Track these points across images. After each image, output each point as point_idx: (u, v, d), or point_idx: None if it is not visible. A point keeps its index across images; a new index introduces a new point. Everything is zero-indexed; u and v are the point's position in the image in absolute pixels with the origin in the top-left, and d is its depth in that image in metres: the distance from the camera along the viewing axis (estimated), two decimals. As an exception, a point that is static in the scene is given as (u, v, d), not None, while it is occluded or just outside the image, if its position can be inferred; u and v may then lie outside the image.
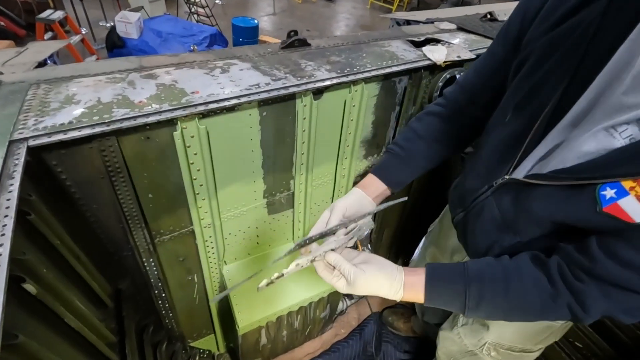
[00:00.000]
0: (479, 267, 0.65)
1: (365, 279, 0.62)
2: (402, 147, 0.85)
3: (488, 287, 0.63)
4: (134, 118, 0.80)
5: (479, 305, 0.63)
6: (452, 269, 0.66)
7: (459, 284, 0.64)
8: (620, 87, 0.49)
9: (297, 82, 0.97)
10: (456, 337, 1.06)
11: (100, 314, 0.87)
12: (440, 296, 0.65)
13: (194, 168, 0.96)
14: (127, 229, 0.96)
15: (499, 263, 0.65)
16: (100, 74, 0.99)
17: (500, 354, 0.97)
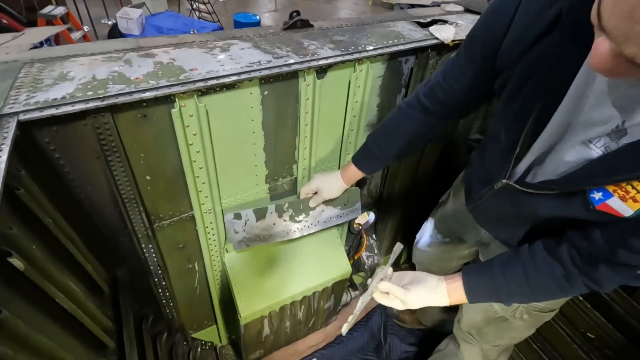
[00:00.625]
0: (501, 264, 0.74)
1: (412, 297, 0.78)
2: (379, 146, 0.99)
3: (512, 282, 0.72)
4: (130, 93, 0.76)
5: (510, 297, 0.74)
6: (482, 271, 0.77)
7: (489, 285, 0.75)
8: (587, 105, 0.55)
9: (299, 59, 0.93)
10: (485, 305, 1.04)
11: (97, 300, 0.84)
12: (479, 296, 0.77)
13: (193, 149, 0.92)
14: (124, 212, 0.92)
15: (518, 256, 0.73)
16: (97, 54, 0.96)
17: (532, 315, 0.97)
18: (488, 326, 1.09)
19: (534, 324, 1.02)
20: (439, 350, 1.39)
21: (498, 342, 1.12)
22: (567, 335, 1.44)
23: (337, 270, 1.36)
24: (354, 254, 1.61)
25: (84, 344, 0.71)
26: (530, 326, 1.02)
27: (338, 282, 1.40)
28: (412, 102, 0.92)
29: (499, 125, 0.76)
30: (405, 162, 1.47)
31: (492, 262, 0.75)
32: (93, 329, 0.72)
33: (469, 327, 1.15)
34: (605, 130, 0.53)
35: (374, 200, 1.59)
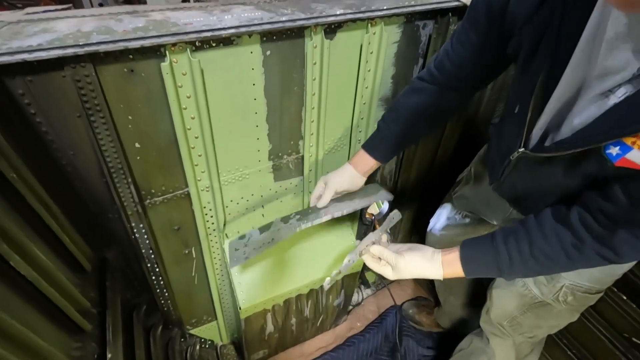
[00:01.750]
0: (504, 233, 0.70)
1: (406, 263, 0.75)
2: (389, 126, 0.92)
3: (514, 249, 0.67)
4: (113, 42, 0.68)
5: (512, 267, 0.68)
6: (482, 241, 0.72)
7: (489, 253, 0.70)
8: (600, 54, 0.51)
9: (306, 16, 0.84)
10: (522, 290, 0.93)
11: (75, 277, 0.74)
12: (476, 267, 0.72)
13: (188, 115, 0.83)
14: (110, 183, 0.83)
15: (523, 225, 0.69)
16: (89, 16, 0.89)
17: (577, 298, 0.86)
18: (524, 314, 0.97)
19: (578, 309, 0.91)
20: (462, 349, 1.25)
21: (535, 332, 1.01)
22: (607, 340, 1.28)
23: (347, 262, 1.24)
24: (366, 247, 1.48)
25: (52, 323, 0.61)
26: (573, 311, 0.92)
27: (348, 276, 1.29)
28: (423, 76, 0.87)
29: (513, 95, 0.75)
30: (422, 147, 1.35)
31: (494, 233, 0.71)
32: (63, 306, 0.63)
33: (500, 317, 1.03)
34: (624, 77, 0.50)
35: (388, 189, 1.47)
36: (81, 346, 0.66)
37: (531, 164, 0.70)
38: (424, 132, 0.99)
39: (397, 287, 1.78)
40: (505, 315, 1.00)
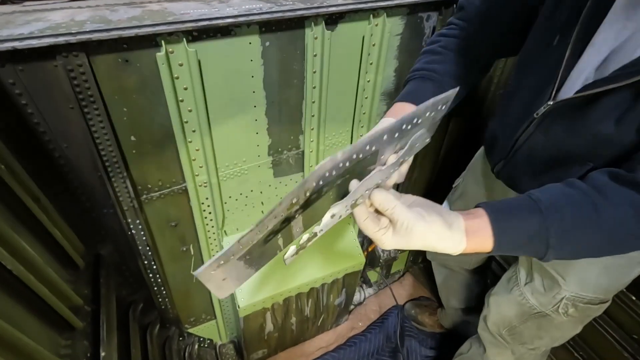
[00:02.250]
0: (550, 194, 0.52)
1: (425, 227, 0.47)
2: (427, 69, 0.74)
3: (570, 216, 0.49)
4: (107, 30, 0.66)
5: (563, 241, 0.49)
6: (518, 203, 0.52)
7: (532, 219, 0.50)
8: None
9: (306, 6, 0.81)
10: (519, 299, 0.89)
11: (66, 273, 0.72)
12: (512, 238, 0.50)
13: (184, 107, 0.81)
14: (105, 178, 0.81)
15: (572, 187, 0.52)
16: (85, 7, 0.87)
17: (579, 309, 0.81)
18: (524, 324, 0.92)
19: (581, 320, 0.86)
20: (461, 354, 1.22)
21: (536, 343, 0.94)
22: (615, 342, 1.25)
23: (348, 261, 1.22)
24: (367, 246, 1.46)
25: (39, 320, 0.59)
26: (576, 323, 0.86)
27: (350, 274, 1.26)
28: (441, 32, 0.80)
29: (532, 54, 0.67)
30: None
31: (531, 194, 0.52)
32: (52, 302, 0.60)
33: (499, 325, 0.98)
34: None
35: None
36: (71, 344, 0.64)
37: (565, 117, 0.58)
38: (468, 73, 0.76)
39: (399, 286, 1.75)
40: (504, 323, 0.96)
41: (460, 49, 0.76)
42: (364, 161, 0.48)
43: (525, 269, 0.89)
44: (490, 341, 1.05)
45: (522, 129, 0.67)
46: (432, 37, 0.81)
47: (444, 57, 0.75)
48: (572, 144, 0.60)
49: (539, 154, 0.67)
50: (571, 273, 0.78)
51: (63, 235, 0.72)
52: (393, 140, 0.50)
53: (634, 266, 0.75)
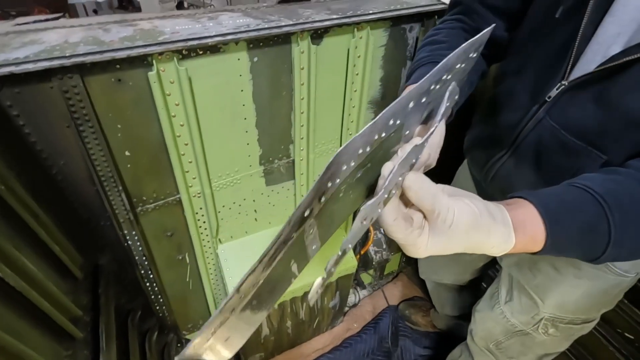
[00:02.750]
0: (595, 179, 0.44)
1: (476, 222, 0.36)
2: (436, 55, 0.65)
3: (628, 200, 0.42)
4: (100, 52, 0.69)
5: (624, 231, 0.41)
6: (563, 190, 0.44)
7: (589, 205, 0.41)
8: None
9: (292, 22, 0.85)
10: (500, 318, 0.89)
11: (66, 285, 0.75)
12: (568, 230, 0.41)
13: (177, 122, 0.84)
14: (101, 192, 0.84)
15: (615, 172, 0.46)
16: (77, 26, 0.90)
17: (560, 329, 0.80)
18: (508, 340, 0.92)
19: (566, 338, 0.85)
20: (453, 358, 1.23)
21: (522, 358, 0.94)
22: (602, 337, 1.28)
23: (341, 264, 1.24)
24: (360, 249, 1.49)
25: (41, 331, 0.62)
26: (561, 340, 0.86)
27: (343, 277, 1.29)
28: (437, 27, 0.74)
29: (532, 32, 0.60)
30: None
31: (576, 182, 0.44)
32: (53, 314, 0.63)
33: (486, 340, 0.99)
34: None
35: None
36: (72, 354, 0.67)
37: (582, 99, 0.52)
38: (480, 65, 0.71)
39: (393, 287, 1.79)
40: (490, 338, 0.96)
41: (464, 39, 0.69)
42: (387, 141, 0.37)
43: (506, 287, 0.88)
44: (478, 353, 1.06)
45: (529, 116, 0.60)
46: (430, 32, 0.75)
47: (449, 44, 0.68)
48: (588, 128, 0.54)
49: (548, 143, 0.59)
50: (550, 296, 0.77)
51: (62, 249, 0.75)
52: (420, 107, 0.39)
53: (613, 289, 0.73)
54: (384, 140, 0.35)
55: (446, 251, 0.38)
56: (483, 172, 0.77)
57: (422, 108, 0.39)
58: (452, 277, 1.19)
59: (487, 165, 0.75)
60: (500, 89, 0.71)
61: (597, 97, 0.52)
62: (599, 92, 0.51)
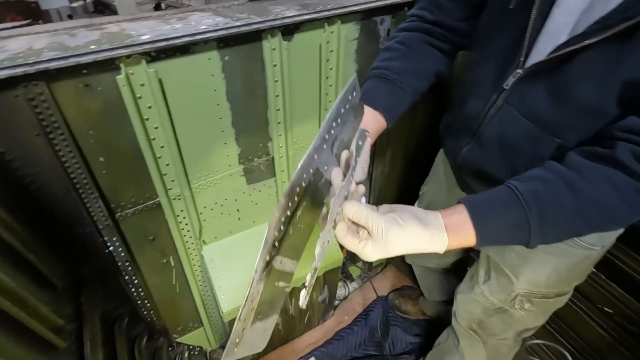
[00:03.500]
0: (527, 181, 0.51)
1: (401, 231, 0.47)
2: (382, 67, 0.73)
3: (550, 202, 0.49)
4: (65, 58, 0.68)
5: (544, 227, 0.49)
6: (497, 194, 0.52)
7: (513, 209, 0.50)
8: None
9: (261, 19, 0.85)
10: (480, 297, 0.93)
11: (46, 296, 0.74)
12: (494, 231, 0.51)
13: (151, 125, 0.84)
14: (77, 199, 0.83)
15: (550, 171, 0.52)
16: (43, 32, 0.89)
17: (535, 304, 0.84)
18: (490, 319, 0.96)
19: (541, 313, 0.89)
20: (440, 343, 1.26)
21: (504, 335, 0.98)
22: (583, 313, 1.33)
23: (327, 258, 1.26)
24: (347, 242, 1.50)
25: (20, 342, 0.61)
26: (537, 315, 0.89)
27: (330, 272, 1.30)
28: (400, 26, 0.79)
29: (490, 24, 0.65)
30: (394, 135, 1.36)
31: (510, 184, 0.52)
32: (32, 325, 0.63)
33: (469, 320, 1.02)
34: None
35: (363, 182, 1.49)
36: (54, 363, 0.67)
37: (536, 87, 0.56)
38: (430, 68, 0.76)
39: (382, 278, 1.81)
40: (472, 318, 1.00)
41: (418, 41, 0.75)
42: (313, 183, 0.49)
43: (484, 268, 0.92)
44: (462, 334, 1.09)
45: (490, 104, 0.64)
46: (393, 33, 0.80)
47: (400, 53, 0.74)
48: (544, 115, 0.58)
49: (507, 130, 0.63)
50: (522, 273, 0.81)
51: (39, 259, 0.74)
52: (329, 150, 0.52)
53: (582, 262, 0.76)
54: (311, 185, 0.48)
55: (389, 254, 0.49)
56: (454, 158, 0.80)
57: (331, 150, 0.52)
58: (435, 260, 1.22)
59: (456, 151, 0.78)
60: (466, 79, 0.74)
61: (549, 85, 0.55)
62: (550, 80, 0.55)
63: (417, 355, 1.48)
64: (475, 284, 0.95)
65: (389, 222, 0.47)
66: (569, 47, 0.50)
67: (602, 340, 1.28)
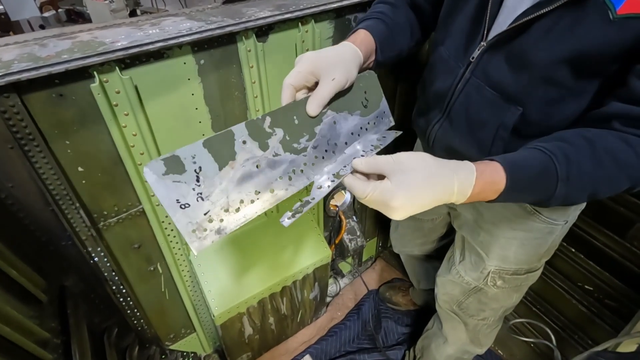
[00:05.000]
0: (546, 141, 0.54)
1: (420, 157, 0.49)
2: (382, 12, 0.75)
3: (572, 152, 0.51)
4: (36, 69, 0.67)
5: (570, 176, 0.50)
6: (522, 151, 0.54)
7: (539, 155, 0.51)
8: None
9: (234, 22, 0.85)
10: (456, 278, 0.97)
11: (30, 310, 0.73)
12: (524, 171, 0.51)
13: (129, 132, 0.83)
14: (58, 211, 0.82)
15: (564, 132, 0.55)
16: (12, 43, 0.87)
17: (507, 280, 0.88)
18: (467, 299, 1.00)
19: (514, 290, 0.92)
20: (427, 329, 1.31)
21: (482, 315, 1.01)
22: (564, 292, 1.38)
23: (315, 255, 1.27)
24: (334, 239, 1.52)
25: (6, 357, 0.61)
26: (510, 292, 0.93)
27: (319, 268, 1.32)
28: None
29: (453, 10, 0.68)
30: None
31: (529, 145, 0.55)
32: (17, 340, 0.62)
33: (449, 302, 1.06)
34: None
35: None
36: (42, 377, 0.66)
37: (499, 57, 0.59)
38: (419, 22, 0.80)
39: (372, 272, 1.83)
40: (452, 300, 1.03)
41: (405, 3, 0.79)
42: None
43: (460, 249, 0.97)
44: (444, 317, 1.13)
45: (458, 78, 0.67)
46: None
47: (394, 7, 0.78)
48: (505, 83, 0.60)
49: (474, 102, 0.66)
50: (492, 250, 0.85)
51: (20, 274, 0.73)
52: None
53: (546, 237, 0.79)
54: None
55: (416, 198, 0.47)
56: (426, 137, 0.82)
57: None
58: (418, 247, 1.26)
59: (427, 130, 0.80)
60: (434, 58, 0.76)
61: (509, 54, 0.58)
62: (510, 49, 0.58)
63: (409, 344, 1.51)
64: (452, 265, 0.99)
65: (411, 153, 0.49)
66: (526, 17, 0.53)
67: (584, 317, 1.33)
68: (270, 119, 0.55)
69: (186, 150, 0.49)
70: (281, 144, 0.55)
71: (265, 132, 0.54)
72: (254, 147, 0.52)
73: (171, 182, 0.47)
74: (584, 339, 1.36)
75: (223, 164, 0.50)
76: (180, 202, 0.46)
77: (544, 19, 0.52)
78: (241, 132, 0.52)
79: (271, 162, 0.53)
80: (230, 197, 0.50)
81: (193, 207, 0.47)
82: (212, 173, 0.49)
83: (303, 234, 1.30)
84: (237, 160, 0.51)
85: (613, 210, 1.16)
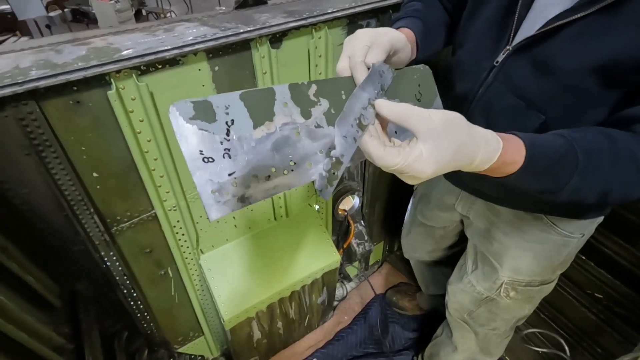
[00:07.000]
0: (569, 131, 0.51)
1: (455, 115, 0.43)
2: (419, 10, 0.71)
3: (592, 144, 0.48)
4: (54, 76, 0.68)
5: (586, 167, 0.47)
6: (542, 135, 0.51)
7: (560, 140, 0.49)
8: None
9: (249, 28, 0.85)
10: (468, 287, 0.96)
11: (45, 316, 0.73)
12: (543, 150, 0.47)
13: (143, 138, 0.84)
14: (72, 217, 0.82)
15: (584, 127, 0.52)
16: (27, 49, 0.88)
17: (520, 292, 0.87)
18: (478, 308, 0.99)
19: (527, 301, 0.92)
20: (437, 337, 1.30)
21: (493, 324, 1.00)
22: (573, 299, 1.38)
23: (324, 260, 1.27)
24: (342, 243, 1.52)
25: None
26: (522, 304, 0.92)
27: (328, 273, 1.32)
28: None
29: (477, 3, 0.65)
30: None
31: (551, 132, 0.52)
32: (33, 346, 0.62)
33: (459, 311, 1.05)
34: None
35: (357, 183, 1.51)
36: (59, 383, 0.66)
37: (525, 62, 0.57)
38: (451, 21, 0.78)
39: (378, 276, 1.83)
40: (463, 309, 1.02)
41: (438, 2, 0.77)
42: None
43: (472, 258, 0.96)
44: (454, 325, 1.12)
45: (480, 83, 0.65)
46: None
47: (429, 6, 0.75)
48: (530, 90, 0.59)
49: (495, 106, 0.64)
50: (505, 260, 0.84)
51: (35, 279, 0.73)
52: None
53: (560, 250, 0.79)
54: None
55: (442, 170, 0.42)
56: None
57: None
58: (429, 253, 1.25)
59: None
60: (453, 61, 0.74)
61: (535, 59, 0.56)
62: (536, 54, 0.56)
63: (415, 350, 1.51)
64: (463, 274, 0.98)
65: (444, 116, 0.42)
66: (558, 21, 0.51)
67: (593, 325, 1.32)
68: (316, 87, 0.48)
69: (220, 99, 0.42)
70: (325, 115, 0.48)
71: (310, 100, 0.48)
72: (296, 112, 0.46)
73: (197, 129, 0.40)
74: (592, 347, 1.35)
75: (259, 122, 0.43)
76: (203, 155, 0.40)
77: (575, 23, 0.50)
78: (283, 93, 0.46)
79: (312, 133, 0.47)
80: (262, 161, 0.43)
81: (217, 163, 0.41)
82: (245, 129, 0.43)
83: (312, 238, 1.30)
84: (275, 122, 0.45)
85: (623, 217, 1.16)
